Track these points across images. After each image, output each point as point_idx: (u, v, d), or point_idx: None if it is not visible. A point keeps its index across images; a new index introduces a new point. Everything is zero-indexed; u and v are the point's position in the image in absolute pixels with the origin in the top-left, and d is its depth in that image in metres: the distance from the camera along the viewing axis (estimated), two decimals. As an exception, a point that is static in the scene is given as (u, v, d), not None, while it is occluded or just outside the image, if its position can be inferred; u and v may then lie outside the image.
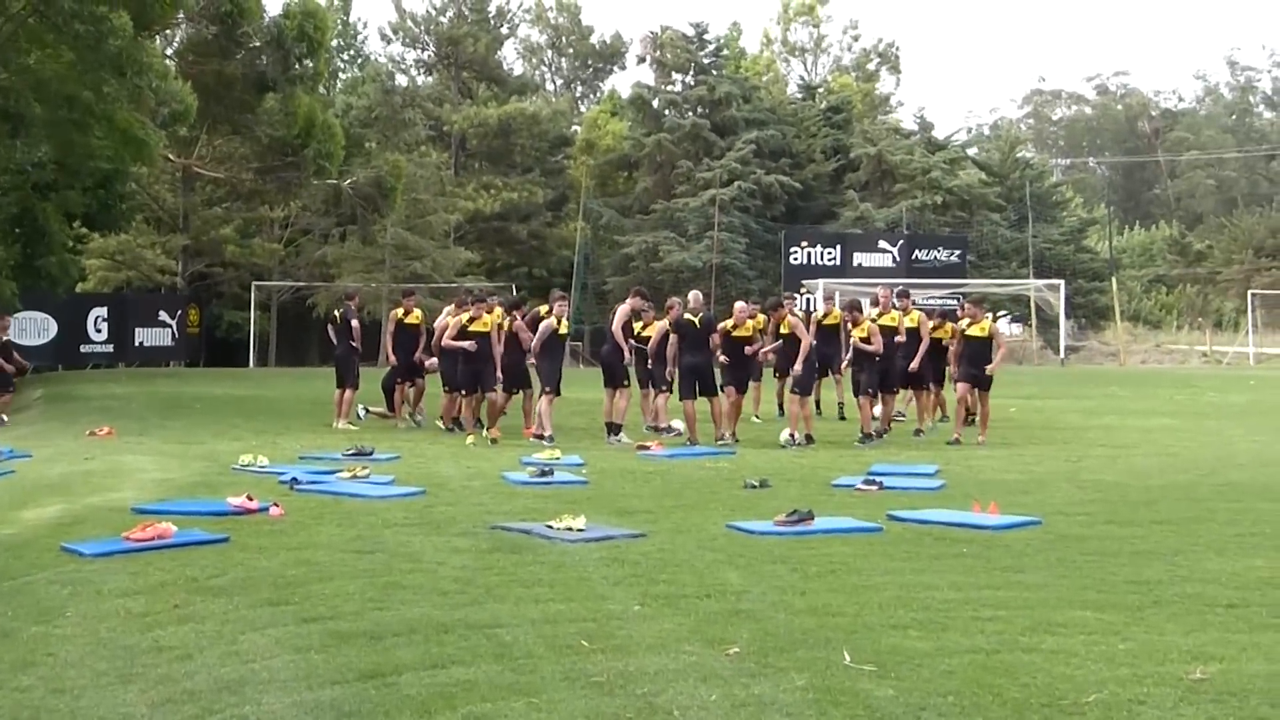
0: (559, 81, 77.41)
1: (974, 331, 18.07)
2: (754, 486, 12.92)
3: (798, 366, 17.53)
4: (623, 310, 18.81)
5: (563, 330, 18.12)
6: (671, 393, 18.14)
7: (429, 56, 62.01)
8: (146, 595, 7.92)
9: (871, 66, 76.42)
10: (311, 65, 39.38)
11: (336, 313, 21.36)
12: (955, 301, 38.90)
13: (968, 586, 8.17)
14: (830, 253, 46.86)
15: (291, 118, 38.86)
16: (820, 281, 43.40)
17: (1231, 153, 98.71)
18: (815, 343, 18.46)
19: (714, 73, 57.91)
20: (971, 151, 68.07)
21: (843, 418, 21.30)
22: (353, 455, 15.52)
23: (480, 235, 55.37)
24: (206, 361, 47.80)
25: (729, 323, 18.33)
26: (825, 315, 20.27)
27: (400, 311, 20.66)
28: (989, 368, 18.05)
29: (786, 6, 77.08)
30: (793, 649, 6.56)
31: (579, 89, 77.03)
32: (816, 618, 7.26)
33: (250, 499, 11.21)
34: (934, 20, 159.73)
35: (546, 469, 13.94)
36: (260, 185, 45.22)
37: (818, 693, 5.82)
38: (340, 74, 61.22)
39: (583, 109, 71.95)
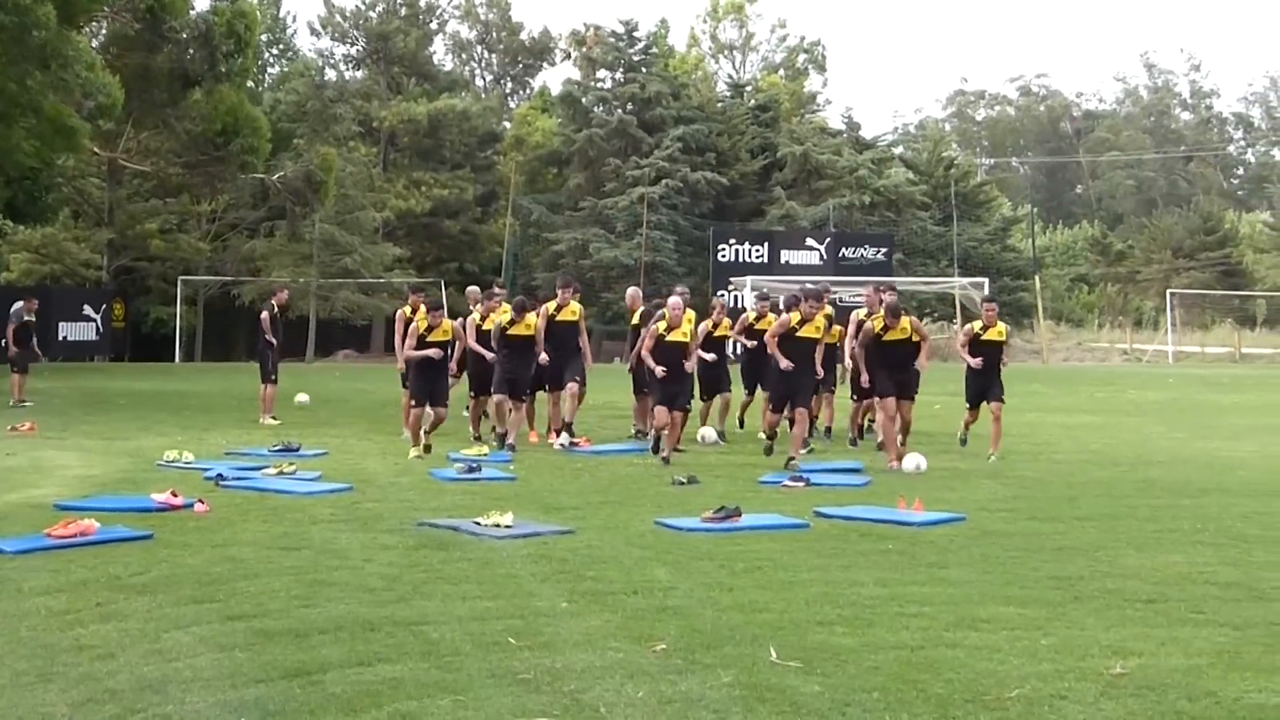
0: (489, 78, 77.21)
1: (895, 335, 15.22)
2: (682, 483, 12.95)
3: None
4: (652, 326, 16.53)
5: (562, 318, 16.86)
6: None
7: (358, 52, 61.59)
8: (68, 593, 7.82)
9: (799, 65, 76.79)
10: (240, 60, 39.01)
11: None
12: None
13: (893, 583, 8.24)
14: (758, 250, 47.03)
15: (217, 112, 38.50)
16: (748, 279, 43.59)
17: (1150, 154, 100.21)
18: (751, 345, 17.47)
19: (643, 70, 57.96)
20: (898, 151, 68.65)
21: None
22: (279, 451, 15.41)
23: (410, 231, 55.12)
24: (132, 356, 47.22)
25: (708, 323, 17.43)
26: (758, 318, 17.85)
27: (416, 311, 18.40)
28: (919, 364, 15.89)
29: (715, 5, 77.27)
30: (719, 645, 6.58)
31: (509, 85, 76.86)
32: (743, 614, 7.29)
33: (175, 495, 11.10)
34: (860, 20, 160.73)
35: (474, 465, 13.90)
36: (186, 180, 44.78)
37: (744, 689, 5.84)
38: (269, 68, 60.66)
39: (512, 105, 71.79)
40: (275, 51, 61.87)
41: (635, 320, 18.11)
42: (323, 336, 51.53)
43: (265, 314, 20.63)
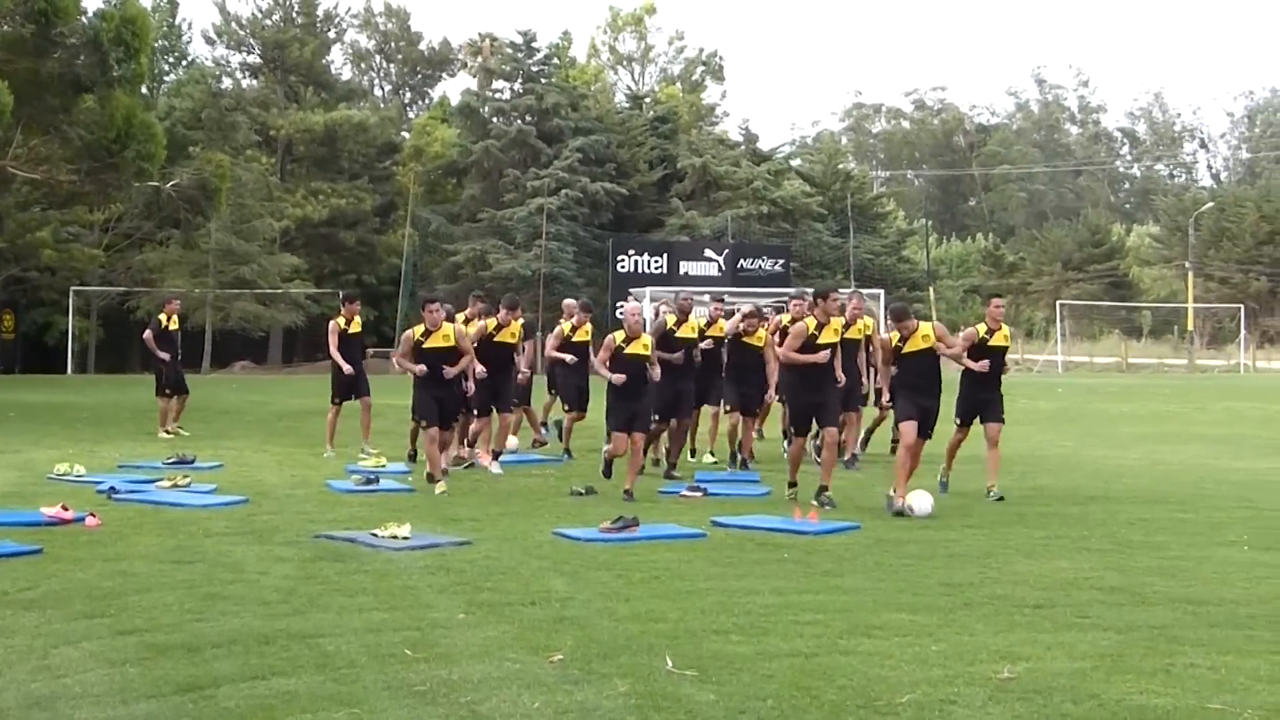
0: (387, 88, 76.76)
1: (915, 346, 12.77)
2: (580, 494, 12.99)
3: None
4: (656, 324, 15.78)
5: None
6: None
7: (255, 60, 60.94)
8: (-46, 610, 7.68)
9: (697, 77, 77.18)
10: (133, 66, 38.35)
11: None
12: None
13: (788, 591, 8.34)
14: (657, 261, 47.14)
15: (110, 119, 37.83)
16: (647, 290, 43.67)
17: (1041, 167, 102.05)
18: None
19: (541, 81, 57.93)
20: (795, 163, 69.18)
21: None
22: (173, 464, 15.21)
23: (308, 241, 54.58)
24: (22, 368, 46.31)
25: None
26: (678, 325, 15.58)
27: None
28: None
29: (615, 16, 77.48)
30: (616, 655, 6.62)
31: (408, 95, 76.48)
32: (640, 624, 7.34)
33: (65, 509, 10.92)
34: (758, 32, 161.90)
35: (372, 477, 13.83)
36: (78, 187, 43.86)
37: (640, 698, 5.89)
38: (165, 76, 59.78)
39: (411, 115, 71.40)
40: (171, 59, 60.97)
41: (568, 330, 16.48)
42: (220, 348, 50.85)
43: (149, 331, 20.31)
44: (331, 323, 17.18)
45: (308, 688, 6.02)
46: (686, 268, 46.68)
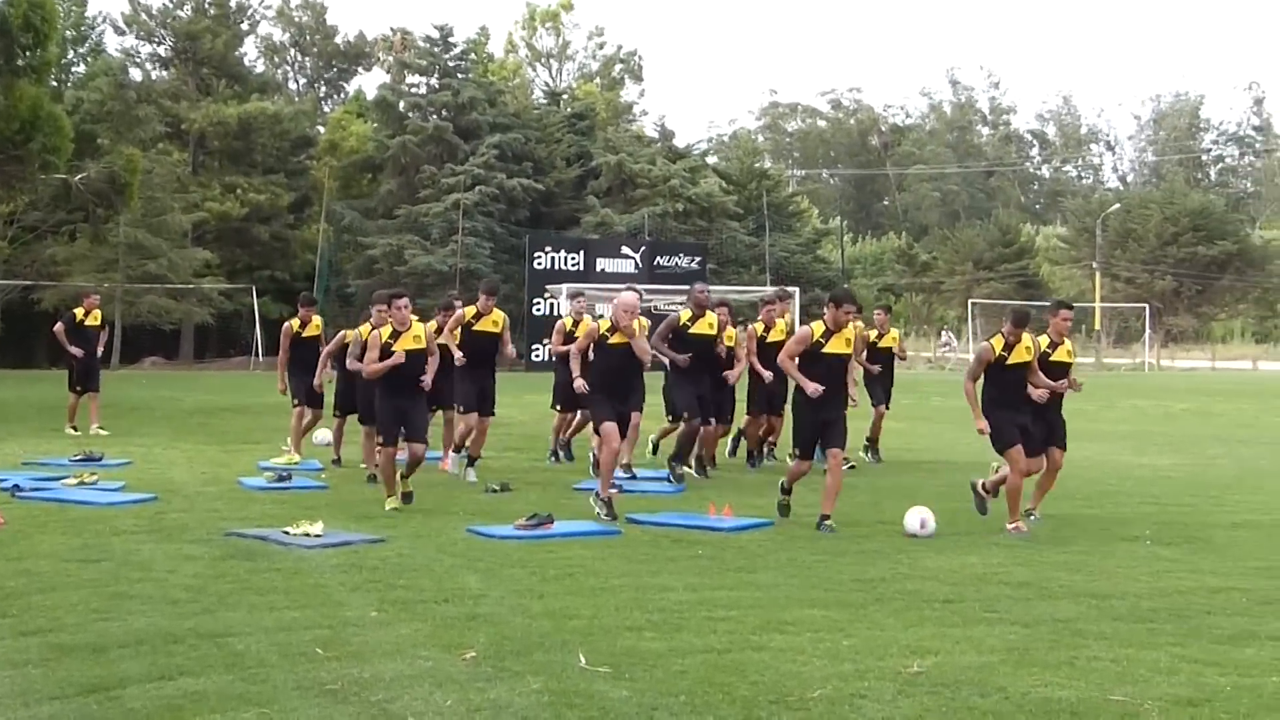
0: (302, 81, 76.09)
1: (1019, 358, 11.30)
2: (495, 491, 12.96)
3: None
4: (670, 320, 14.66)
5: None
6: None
7: (166, 51, 60.10)
8: None
9: (615, 75, 77.24)
10: (40, 54, 37.71)
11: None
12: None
13: (702, 587, 8.38)
14: (574, 258, 47.10)
15: (15, 109, 37.17)
16: (564, 286, 43.65)
17: (954, 168, 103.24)
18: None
19: (458, 76, 57.69)
20: (711, 161, 69.52)
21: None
22: (80, 461, 14.99)
23: (220, 236, 53.93)
24: (-77, 364, 45.33)
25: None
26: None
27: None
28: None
29: (532, 13, 77.33)
30: (529, 652, 6.62)
31: (323, 89, 75.85)
32: (553, 620, 7.34)
33: (-33, 508, 10.73)
34: (676, 31, 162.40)
35: (284, 474, 13.71)
36: (-19, 180, 43.09)
37: (553, 695, 5.89)
38: (74, 67, 58.78)
39: (327, 109, 70.83)
40: (82, 50, 59.98)
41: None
42: (129, 343, 50.12)
43: (60, 325, 19.92)
44: (285, 324, 16.21)
45: (216, 687, 5.96)
46: (603, 265, 46.72)
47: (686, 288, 17.85)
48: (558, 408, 15.91)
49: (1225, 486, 14.77)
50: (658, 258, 47.91)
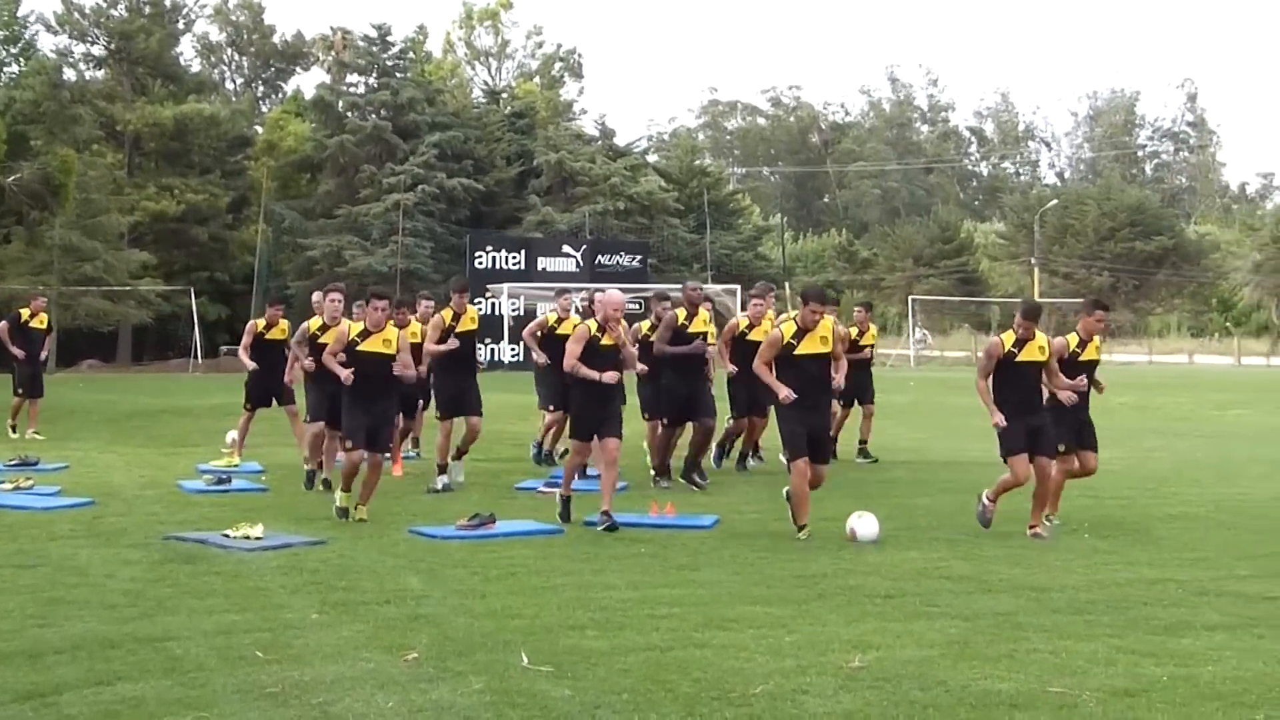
0: (239, 81, 75.45)
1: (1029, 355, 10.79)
2: (437, 491, 12.92)
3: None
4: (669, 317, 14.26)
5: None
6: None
7: (100, 51, 59.41)
8: None
9: (555, 73, 77.11)
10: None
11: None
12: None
13: (645, 585, 8.39)
14: (515, 257, 47.01)
15: (-55, 110, 36.73)
16: (505, 286, 43.63)
17: (893, 165, 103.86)
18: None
19: (397, 75, 57.41)
20: (652, 159, 69.52)
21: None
22: (16, 466, 14.80)
23: (158, 237, 53.35)
24: None
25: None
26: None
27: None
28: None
29: (469, 11, 77.09)
30: (471, 652, 6.61)
31: (260, 89, 75.24)
32: (495, 620, 7.33)
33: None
34: (616, 29, 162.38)
35: (224, 477, 13.61)
36: (-90, 182, 42.50)
37: (495, 695, 5.88)
38: (6, 67, 58.00)
39: (264, 109, 70.27)
40: (14, 50, 59.13)
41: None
42: (65, 346, 49.51)
43: (4, 323, 19.68)
44: (250, 323, 15.83)
45: (155, 692, 5.91)
46: (545, 264, 46.65)
47: (628, 287, 17.44)
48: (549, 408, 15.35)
49: (1162, 479, 14.95)
50: (599, 256, 47.89)
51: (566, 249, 48.15)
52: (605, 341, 11.15)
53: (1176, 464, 16.73)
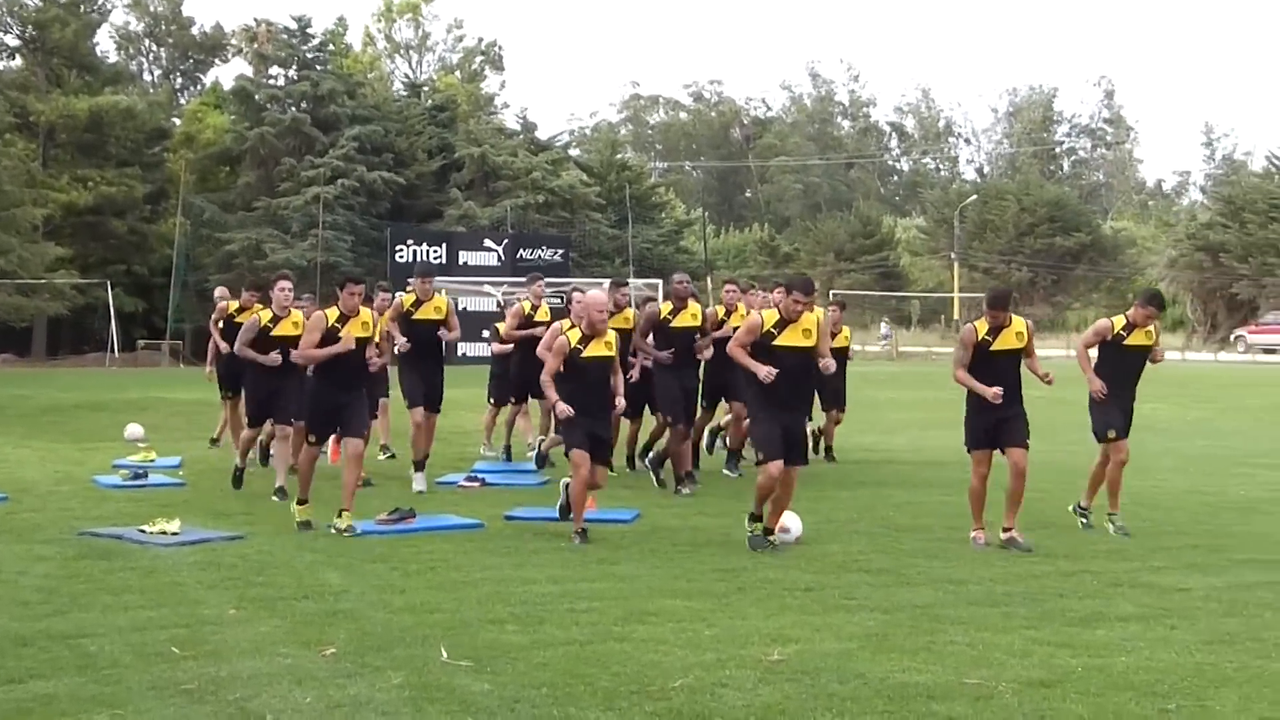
0: (157, 72, 74.50)
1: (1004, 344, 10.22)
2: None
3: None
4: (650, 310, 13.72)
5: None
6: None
7: (13, 40, 58.43)
8: None
9: (476, 67, 76.83)
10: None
11: None
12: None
13: (565, 580, 8.39)
14: (436, 251, 46.74)
15: None
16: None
17: (815, 160, 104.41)
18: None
19: (317, 68, 56.95)
20: (573, 153, 69.47)
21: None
22: (-76, 462, 14.55)
23: (75, 231, 52.56)
24: None
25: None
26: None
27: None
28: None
29: (389, 4, 76.59)
30: (390, 648, 6.58)
31: (179, 80, 74.36)
32: (415, 615, 7.30)
33: None
34: (537, 22, 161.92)
35: (140, 471, 13.45)
36: None
37: (414, 690, 5.86)
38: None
39: (183, 101, 69.44)
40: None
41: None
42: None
43: None
44: (222, 304, 15.11)
45: (68, 690, 5.83)
46: (466, 258, 46.46)
47: (550, 281, 17.18)
48: (512, 399, 15.22)
49: (1079, 473, 15.06)
50: (521, 250, 47.76)
51: (488, 243, 47.96)
52: (588, 353, 10.22)
53: (1092, 458, 16.89)
